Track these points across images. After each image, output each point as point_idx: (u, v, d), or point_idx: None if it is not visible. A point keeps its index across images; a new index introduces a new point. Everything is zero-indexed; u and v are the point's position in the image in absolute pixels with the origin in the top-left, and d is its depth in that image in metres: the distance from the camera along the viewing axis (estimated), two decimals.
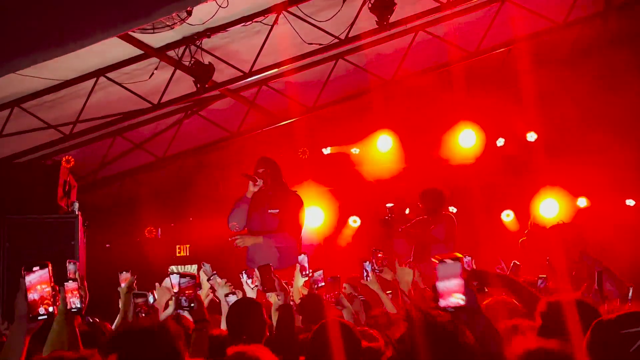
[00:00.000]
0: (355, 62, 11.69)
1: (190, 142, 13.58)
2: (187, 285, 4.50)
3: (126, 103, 10.66)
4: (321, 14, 9.30)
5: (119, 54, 9.50)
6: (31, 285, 3.20)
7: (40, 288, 3.22)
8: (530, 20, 11.56)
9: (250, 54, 9.94)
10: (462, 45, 11.88)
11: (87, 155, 12.37)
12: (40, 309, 3.18)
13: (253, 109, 12.51)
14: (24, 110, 10.08)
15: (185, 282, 4.51)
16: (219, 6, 8.10)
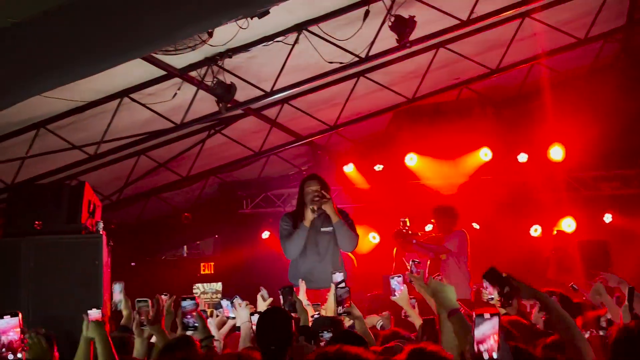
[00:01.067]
0: (376, 79, 11.73)
1: (213, 161, 13.69)
2: (190, 308, 4.75)
3: (150, 123, 10.76)
4: (341, 33, 9.35)
5: (142, 75, 9.60)
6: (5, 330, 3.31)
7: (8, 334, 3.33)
8: (552, 35, 11.55)
9: (272, 73, 10.00)
10: (483, 61, 11.88)
11: (111, 174, 12.51)
12: (9, 356, 3.29)
13: (275, 127, 12.58)
14: (49, 132, 10.21)
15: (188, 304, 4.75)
16: (240, 27, 8.18)
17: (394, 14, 9.02)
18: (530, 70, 13.01)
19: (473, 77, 12.63)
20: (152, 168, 13.08)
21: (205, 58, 9.42)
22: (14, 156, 10.48)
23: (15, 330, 3.33)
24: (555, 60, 12.67)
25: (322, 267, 7.54)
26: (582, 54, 12.75)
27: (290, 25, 9.24)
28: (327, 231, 7.70)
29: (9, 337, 3.31)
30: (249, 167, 14.47)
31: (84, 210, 8.39)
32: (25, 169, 10.68)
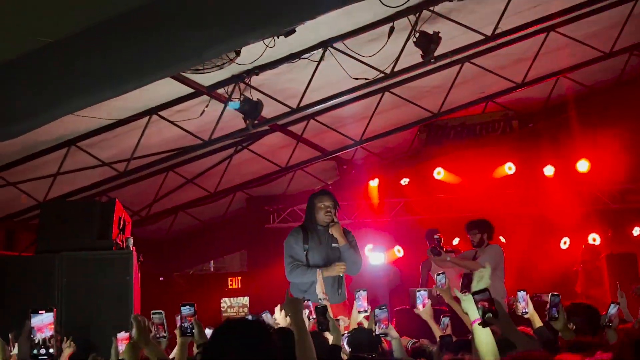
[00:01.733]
0: (401, 94, 11.79)
1: (240, 176, 13.81)
2: (188, 313, 4.87)
3: (178, 140, 10.90)
4: (366, 49, 9.42)
5: (170, 93, 9.74)
6: (38, 327, 3.38)
7: (48, 329, 3.40)
8: (577, 49, 11.55)
9: (298, 89, 10.09)
10: (508, 75, 11.90)
11: (140, 190, 12.67)
12: (41, 350, 3.36)
13: (301, 143, 12.68)
14: (79, 149, 10.39)
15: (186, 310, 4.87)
16: (266, 46, 8.28)
17: (418, 30, 9.07)
18: (556, 83, 12.99)
19: (498, 91, 12.64)
20: (180, 184, 13.23)
21: (232, 75, 9.53)
22: (45, 173, 10.68)
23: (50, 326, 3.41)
24: (581, 74, 12.66)
25: (330, 282, 7.58)
26: (608, 68, 12.72)
27: (316, 43, 9.33)
28: (338, 247, 7.75)
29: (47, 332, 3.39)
30: (275, 182, 14.59)
31: (114, 226, 8.52)
32: (57, 186, 10.86)
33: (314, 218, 7.78)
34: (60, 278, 8.10)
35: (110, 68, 7.12)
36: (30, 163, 10.34)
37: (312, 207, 7.84)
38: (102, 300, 8.00)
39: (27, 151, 10.08)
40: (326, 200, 7.74)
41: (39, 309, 3.44)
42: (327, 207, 7.67)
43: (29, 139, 9.17)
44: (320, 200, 7.77)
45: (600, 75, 13.10)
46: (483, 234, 9.73)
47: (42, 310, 3.43)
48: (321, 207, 7.72)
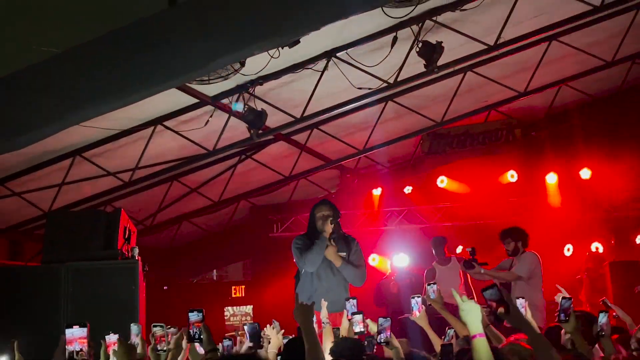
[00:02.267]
0: (404, 103, 11.85)
1: (244, 185, 13.86)
2: (196, 319, 4.91)
3: (182, 149, 10.97)
4: (369, 59, 9.48)
5: (175, 103, 9.81)
6: (71, 339, 3.44)
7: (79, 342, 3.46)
8: (580, 58, 11.60)
9: (302, 99, 10.15)
10: (511, 84, 11.95)
11: (145, 200, 12.72)
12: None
13: (305, 152, 12.73)
14: (84, 159, 10.45)
15: (194, 316, 4.91)
16: (271, 57, 8.34)
17: (421, 40, 9.14)
18: (558, 92, 13.04)
19: (501, 100, 12.69)
20: (184, 193, 13.28)
21: (236, 85, 9.59)
22: (51, 183, 10.74)
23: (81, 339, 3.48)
24: (583, 83, 12.72)
25: (337, 290, 7.63)
26: (610, 76, 12.77)
27: (320, 53, 9.40)
28: (342, 256, 7.82)
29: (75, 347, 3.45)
30: (279, 191, 14.63)
31: (120, 236, 8.56)
32: (62, 195, 10.92)
33: (315, 228, 7.85)
34: (66, 288, 8.13)
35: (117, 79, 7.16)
36: (36, 173, 10.42)
37: (313, 217, 7.93)
38: (108, 310, 8.02)
39: (32, 161, 10.15)
40: (325, 210, 7.82)
41: (74, 324, 3.52)
42: (325, 217, 7.75)
43: (35, 150, 9.24)
44: (319, 210, 7.85)
45: (602, 83, 13.15)
46: (517, 242, 9.65)
47: (76, 325, 3.51)
48: (320, 217, 7.80)
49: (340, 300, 7.46)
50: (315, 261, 7.69)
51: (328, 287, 7.66)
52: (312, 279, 7.77)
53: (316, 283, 7.72)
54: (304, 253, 7.77)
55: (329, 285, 7.69)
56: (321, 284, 7.73)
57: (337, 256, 7.75)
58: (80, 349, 3.48)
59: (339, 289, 7.74)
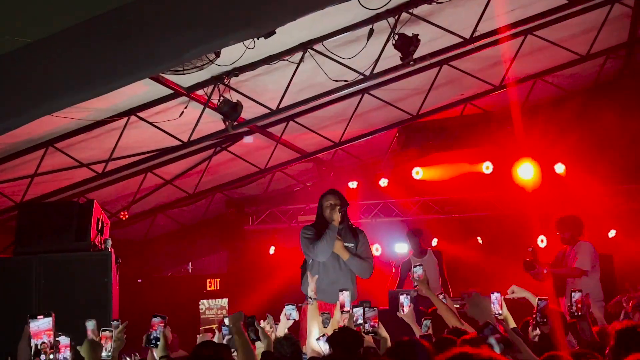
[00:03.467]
0: (381, 96, 11.84)
1: (219, 178, 13.79)
2: (158, 323, 4.89)
3: (157, 141, 10.88)
4: (346, 51, 9.45)
5: (149, 94, 9.71)
6: (36, 332, 3.35)
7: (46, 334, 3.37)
8: (555, 52, 11.66)
9: (278, 91, 10.11)
10: (486, 78, 11.99)
11: (118, 192, 12.62)
12: (42, 356, 3.32)
13: (280, 144, 12.69)
14: (57, 150, 10.33)
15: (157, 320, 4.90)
16: (246, 47, 8.29)
17: (397, 33, 9.12)
18: (534, 86, 13.10)
19: (477, 94, 12.73)
20: (158, 185, 13.19)
21: (211, 77, 9.52)
22: (23, 174, 10.61)
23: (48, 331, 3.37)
24: (558, 77, 12.79)
25: (343, 281, 7.67)
26: (585, 71, 12.86)
27: (296, 44, 9.35)
28: (349, 247, 7.87)
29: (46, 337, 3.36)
30: (254, 183, 14.59)
31: (93, 228, 8.48)
32: (34, 187, 10.79)
33: (323, 217, 7.91)
34: (38, 280, 8.04)
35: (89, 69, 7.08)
36: (8, 164, 10.27)
37: (320, 206, 7.99)
38: (81, 302, 7.95)
39: (4, 152, 10.01)
40: (332, 199, 7.92)
41: (38, 314, 3.40)
42: (333, 206, 7.82)
43: (7, 140, 9.13)
44: (326, 199, 7.96)
45: (578, 78, 13.24)
46: (572, 231, 9.53)
47: (40, 316, 3.40)
48: (327, 206, 7.88)
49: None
50: (326, 251, 7.75)
51: (335, 278, 7.74)
52: (319, 270, 7.78)
53: (322, 274, 7.73)
54: (314, 243, 7.80)
55: (335, 277, 7.76)
56: (327, 275, 7.77)
57: (344, 249, 7.80)
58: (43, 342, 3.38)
59: (345, 280, 7.78)
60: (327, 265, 7.82)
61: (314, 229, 7.98)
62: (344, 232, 7.94)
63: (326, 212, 7.89)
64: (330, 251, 7.78)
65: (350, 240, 7.97)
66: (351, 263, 7.84)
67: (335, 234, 7.79)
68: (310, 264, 7.94)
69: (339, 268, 7.83)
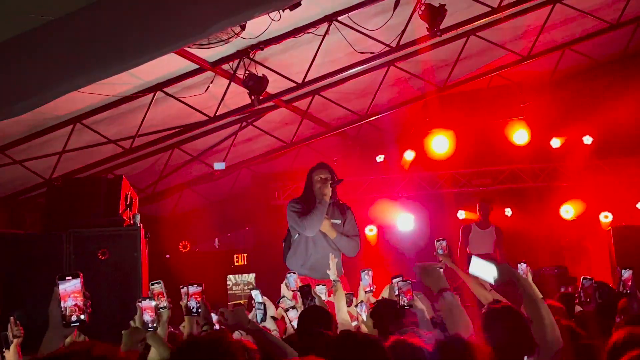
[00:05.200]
0: (407, 69, 11.72)
1: (245, 153, 13.78)
2: (195, 291, 4.85)
3: (183, 116, 10.89)
4: (371, 23, 9.37)
5: (175, 69, 9.70)
6: (65, 294, 3.33)
7: (73, 296, 3.35)
8: (584, 21, 11.47)
9: (303, 64, 10.05)
10: (514, 48, 11.83)
11: (146, 167, 12.66)
12: (73, 317, 3.32)
13: (306, 119, 12.63)
14: (85, 127, 10.37)
15: (194, 289, 4.85)
16: (272, 20, 8.23)
17: (424, 3, 9.01)
18: (562, 56, 12.91)
19: (504, 64, 12.57)
20: (185, 161, 13.21)
21: (237, 51, 9.48)
22: (51, 151, 10.67)
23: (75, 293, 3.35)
24: (588, 46, 12.59)
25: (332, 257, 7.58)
26: (615, 39, 12.64)
27: (321, 17, 9.27)
28: (336, 223, 7.76)
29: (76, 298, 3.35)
30: (280, 158, 14.56)
31: (121, 203, 8.51)
32: (63, 163, 10.85)
33: (312, 191, 7.78)
34: (67, 255, 8.09)
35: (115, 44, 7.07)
36: (36, 141, 10.33)
37: (310, 180, 7.84)
38: (111, 277, 7.99)
39: (32, 129, 10.06)
40: (323, 173, 7.75)
41: (66, 276, 3.38)
42: (324, 180, 7.67)
43: (35, 117, 9.17)
44: (317, 173, 7.78)
45: (607, 47, 13.02)
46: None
47: (69, 277, 3.37)
48: (319, 180, 7.72)
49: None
50: (315, 226, 7.65)
51: (323, 253, 7.61)
52: (307, 245, 7.72)
53: (311, 249, 7.68)
54: (303, 217, 7.70)
55: (324, 252, 7.64)
56: (316, 249, 7.70)
57: (331, 228, 7.71)
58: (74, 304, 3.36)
59: (330, 229, 7.70)
60: (316, 241, 7.73)
61: (301, 203, 7.86)
62: (331, 208, 7.82)
63: (316, 186, 7.75)
64: (320, 226, 7.70)
65: (338, 216, 7.87)
66: (338, 242, 7.74)
67: (325, 209, 7.67)
68: (297, 240, 7.84)
69: (327, 244, 7.74)
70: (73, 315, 3.31)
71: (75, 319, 3.31)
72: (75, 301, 3.32)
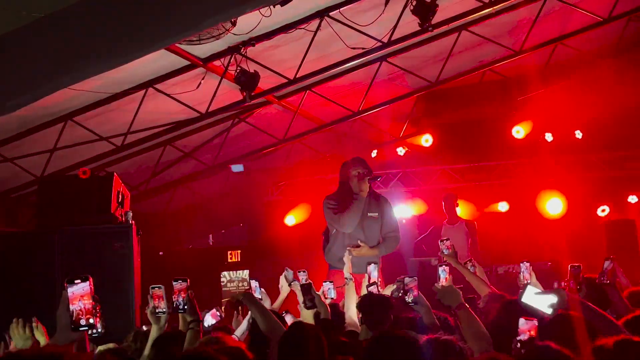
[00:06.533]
0: (399, 64, 11.71)
1: (238, 149, 13.76)
2: (180, 287, 4.72)
3: (175, 113, 10.85)
4: (363, 18, 9.35)
5: (166, 65, 9.67)
6: (73, 297, 3.30)
7: (82, 300, 3.31)
8: (575, 15, 11.47)
9: (295, 60, 10.03)
10: (506, 43, 11.82)
11: (138, 165, 12.63)
12: (81, 320, 3.28)
13: (299, 115, 12.62)
14: (76, 124, 10.33)
15: (178, 285, 4.72)
16: (263, 15, 8.20)
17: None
18: (554, 51, 12.92)
19: (496, 59, 12.57)
20: (178, 158, 13.18)
21: (228, 47, 9.45)
22: (42, 149, 10.63)
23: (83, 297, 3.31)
24: (579, 41, 12.59)
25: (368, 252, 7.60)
26: (607, 34, 12.65)
27: (312, 12, 9.25)
28: (373, 216, 7.78)
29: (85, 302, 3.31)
30: (273, 154, 14.53)
31: (113, 200, 8.50)
32: (54, 161, 10.81)
33: (347, 186, 7.79)
34: (60, 253, 8.08)
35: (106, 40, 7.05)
36: (27, 138, 10.28)
37: (345, 175, 7.85)
38: (103, 274, 7.97)
39: (23, 127, 10.02)
40: (360, 168, 7.79)
41: (75, 279, 3.34)
42: (361, 175, 7.70)
43: (26, 115, 9.12)
44: (355, 168, 7.81)
45: (599, 41, 13.04)
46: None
47: (77, 280, 3.34)
48: (356, 175, 7.74)
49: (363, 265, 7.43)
50: (353, 223, 7.67)
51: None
52: (344, 240, 7.74)
53: (348, 244, 7.67)
54: (340, 214, 7.71)
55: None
56: (352, 244, 7.70)
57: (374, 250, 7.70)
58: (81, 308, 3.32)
59: (370, 251, 7.71)
60: (352, 237, 7.75)
61: (336, 199, 7.87)
62: (367, 202, 7.83)
63: (353, 181, 7.76)
64: (356, 223, 7.72)
65: (375, 209, 7.89)
66: (382, 252, 7.81)
67: (362, 206, 7.70)
68: (334, 234, 7.89)
69: (364, 238, 7.76)
70: (82, 319, 3.27)
71: (84, 323, 3.27)
72: (84, 304, 3.29)
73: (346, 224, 7.69)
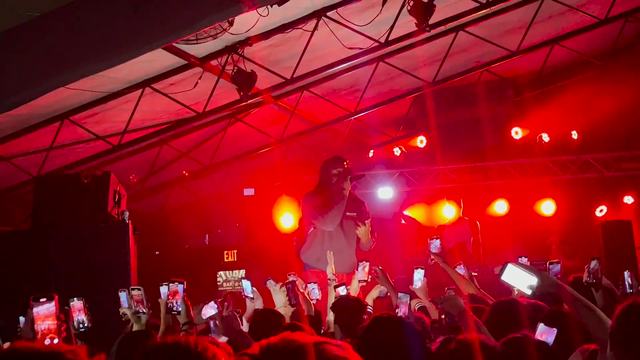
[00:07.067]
0: (396, 64, 11.71)
1: (234, 149, 13.74)
2: (176, 289, 4.75)
3: (171, 112, 10.85)
4: (360, 18, 9.35)
5: (163, 65, 9.66)
6: (38, 317, 3.29)
7: (46, 320, 3.31)
8: (572, 16, 11.49)
9: (292, 60, 10.02)
10: (503, 44, 11.83)
11: (135, 164, 12.61)
12: (46, 340, 3.28)
13: (295, 115, 12.61)
14: (73, 123, 10.31)
15: (174, 287, 4.75)
16: (260, 15, 8.19)
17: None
18: (551, 51, 12.92)
19: (493, 60, 12.57)
20: (174, 157, 13.17)
21: (225, 47, 9.45)
22: (39, 148, 10.61)
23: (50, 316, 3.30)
24: (576, 42, 12.60)
25: (347, 251, 7.59)
26: (603, 35, 12.66)
27: (310, 12, 9.24)
28: (352, 216, 7.77)
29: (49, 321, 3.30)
30: (270, 154, 14.51)
31: (109, 200, 8.49)
32: (51, 160, 10.79)
33: (328, 184, 7.77)
34: (56, 252, 8.06)
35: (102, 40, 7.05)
36: (24, 137, 10.27)
37: (326, 173, 7.83)
38: (99, 274, 7.97)
39: (20, 125, 10.00)
40: (341, 167, 7.76)
41: (40, 297, 3.33)
42: (342, 174, 7.70)
43: (22, 113, 9.10)
44: (335, 166, 7.80)
45: (596, 42, 13.05)
46: None
47: (43, 299, 3.32)
48: (337, 174, 7.73)
49: (349, 261, 7.43)
50: (335, 221, 7.65)
51: (339, 247, 7.64)
52: (323, 239, 7.72)
53: (327, 243, 7.67)
54: (323, 212, 7.70)
55: (340, 246, 7.67)
56: (332, 244, 7.69)
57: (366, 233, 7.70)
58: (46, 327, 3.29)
59: (349, 251, 7.71)
60: (332, 236, 7.74)
61: (317, 196, 7.85)
62: (347, 200, 7.83)
63: (334, 179, 7.75)
64: (338, 221, 7.71)
65: (352, 209, 7.88)
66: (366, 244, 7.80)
67: (345, 203, 7.70)
68: (312, 233, 7.86)
69: (343, 237, 7.75)
70: (46, 339, 3.27)
71: (47, 343, 3.26)
72: (47, 325, 3.27)
73: (328, 222, 7.67)
